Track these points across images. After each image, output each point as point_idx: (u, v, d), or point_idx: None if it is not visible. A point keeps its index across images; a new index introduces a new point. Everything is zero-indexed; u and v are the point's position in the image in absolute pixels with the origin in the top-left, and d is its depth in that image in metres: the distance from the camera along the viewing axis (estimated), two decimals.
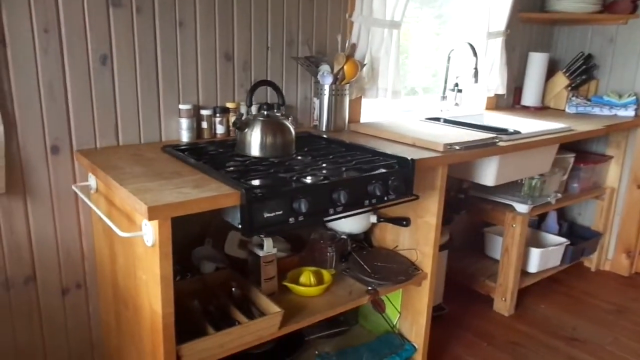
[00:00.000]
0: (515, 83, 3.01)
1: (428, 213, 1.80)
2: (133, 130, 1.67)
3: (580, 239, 2.95)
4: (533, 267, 2.64)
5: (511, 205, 2.42)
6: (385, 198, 1.50)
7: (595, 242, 2.99)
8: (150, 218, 1.09)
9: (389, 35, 2.17)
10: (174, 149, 1.57)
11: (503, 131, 2.06)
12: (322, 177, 1.39)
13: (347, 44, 2.01)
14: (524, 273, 2.62)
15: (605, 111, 2.82)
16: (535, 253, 2.61)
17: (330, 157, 1.63)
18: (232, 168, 1.45)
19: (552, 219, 2.95)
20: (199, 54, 1.76)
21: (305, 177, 1.39)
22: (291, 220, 1.30)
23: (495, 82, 2.71)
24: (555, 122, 2.50)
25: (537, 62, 2.90)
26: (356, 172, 1.48)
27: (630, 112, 2.77)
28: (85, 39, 1.51)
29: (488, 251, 2.85)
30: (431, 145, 1.75)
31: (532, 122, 2.45)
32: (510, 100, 3.03)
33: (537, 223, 2.97)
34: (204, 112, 1.79)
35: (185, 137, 1.75)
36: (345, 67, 1.95)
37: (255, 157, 1.55)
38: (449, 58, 2.50)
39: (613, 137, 2.91)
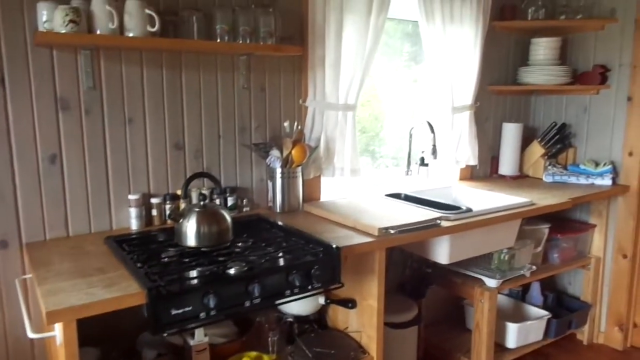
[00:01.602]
0: (492, 152, 3.03)
1: (370, 296, 1.81)
2: (83, 222, 1.78)
3: (568, 310, 2.84)
4: (511, 342, 2.55)
5: (481, 279, 2.39)
6: (310, 287, 1.53)
7: (585, 314, 2.87)
8: (49, 322, 1.15)
9: (344, 117, 2.26)
10: (114, 241, 1.66)
11: (455, 209, 2.07)
12: (244, 268, 1.44)
13: (294, 129, 2.10)
14: (502, 348, 2.54)
15: (582, 180, 2.79)
16: (512, 328, 2.53)
17: (264, 244, 1.68)
18: (166, 259, 1.54)
19: (535, 290, 2.86)
20: (149, 146, 1.88)
21: (228, 268, 1.44)
22: (202, 315, 1.34)
23: (466, 154, 2.74)
24: (528, 192, 2.54)
25: (511, 132, 2.93)
26: (280, 261, 1.52)
27: (607, 181, 2.73)
28: (35, 141, 1.66)
29: (469, 324, 2.78)
30: (368, 229, 1.78)
31: (496, 197, 2.44)
32: (488, 169, 3.03)
33: (520, 294, 2.89)
34: (154, 201, 1.88)
35: (134, 225, 1.84)
36: (293, 152, 2.04)
37: (190, 247, 1.62)
38: (410, 135, 2.56)
39: (594, 206, 2.86)
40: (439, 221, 1.90)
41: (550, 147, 2.95)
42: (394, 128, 2.80)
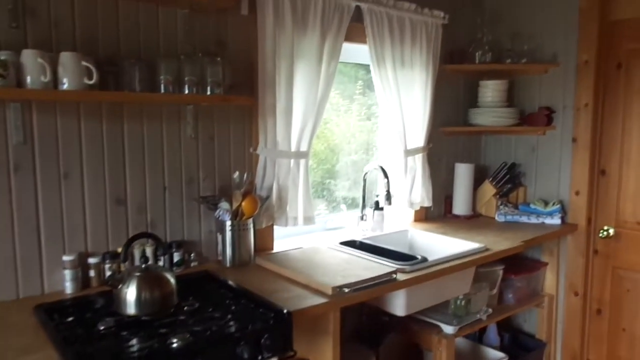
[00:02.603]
0: (446, 192, 3.04)
1: (325, 358, 1.72)
2: (9, 286, 1.63)
3: (525, 349, 2.85)
4: None
5: (438, 326, 2.35)
6: (259, 358, 1.43)
7: (540, 353, 2.88)
8: None
9: (296, 165, 2.20)
10: (44, 311, 1.52)
11: (410, 259, 2.03)
12: (188, 340, 1.34)
13: (244, 180, 2.03)
14: None
15: (533, 219, 2.83)
16: None
17: (211, 309, 1.58)
18: (102, 330, 1.42)
19: (492, 332, 2.85)
20: (87, 202, 1.75)
21: (170, 342, 1.34)
22: None
23: (420, 196, 2.74)
24: (482, 233, 2.57)
25: (463, 172, 2.96)
26: (228, 331, 1.43)
27: (556, 220, 2.79)
28: None
29: None
30: (321, 288, 1.71)
31: (451, 242, 2.43)
32: (442, 209, 3.04)
33: (478, 336, 2.88)
34: (92, 260, 1.75)
35: (69, 289, 1.70)
36: (243, 204, 1.96)
37: (130, 316, 1.50)
38: (364, 180, 2.54)
39: (546, 244, 2.90)
40: (394, 275, 1.85)
41: (502, 186, 2.99)
42: (349, 159, 2.79)
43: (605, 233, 2.74)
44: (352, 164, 2.86)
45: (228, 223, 1.98)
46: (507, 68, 2.87)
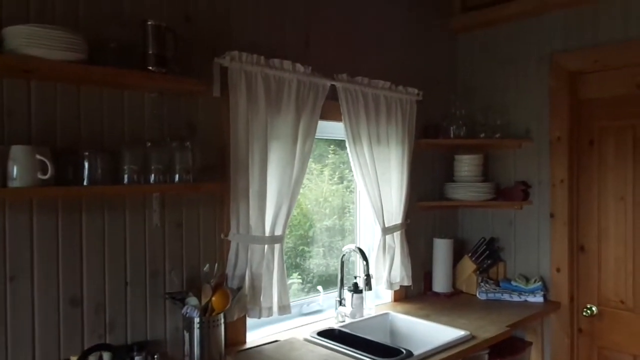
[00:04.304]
0: (425, 268, 2.94)
1: None
2: None
3: None
4: None
5: None
6: None
7: None
8: None
9: (270, 250, 2.07)
10: None
11: (394, 353, 1.89)
12: None
13: (215, 271, 1.88)
14: None
15: (515, 297, 2.74)
16: None
17: None
18: None
19: None
20: (36, 305, 1.57)
21: None
22: None
23: (400, 274, 2.62)
24: (465, 315, 2.48)
25: (442, 248, 2.88)
26: None
27: (538, 298, 2.71)
28: None
29: None
30: None
31: (434, 329, 2.30)
32: (422, 286, 2.93)
33: None
34: None
35: None
36: (213, 299, 1.80)
37: None
38: (342, 263, 2.42)
39: (529, 323, 2.80)
40: None
41: (481, 261, 2.91)
42: (323, 225, 2.69)
43: (589, 312, 2.67)
44: (326, 230, 2.75)
45: (196, 320, 1.80)
46: (482, 142, 2.87)
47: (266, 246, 2.05)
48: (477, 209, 3.06)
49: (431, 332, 2.28)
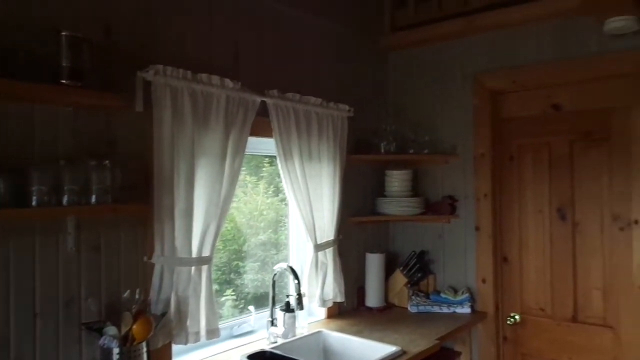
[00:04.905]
0: (358, 282, 2.95)
1: None
2: None
3: None
4: None
5: None
6: None
7: None
8: None
9: (198, 272, 1.98)
10: None
11: None
12: None
13: (136, 298, 1.77)
14: None
15: (445, 309, 2.81)
16: None
17: None
18: None
19: None
20: None
21: None
22: None
23: (333, 291, 2.61)
24: (396, 329, 2.50)
25: (374, 263, 2.90)
26: None
27: (466, 309, 2.79)
28: None
29: None
30: None
31: (366, 345, 2.30)
32: (355, 301, 2.93)
33: None
34: None
35: None
36: (134, 327, 1.69)
37: None
38: (273, 282, 2.37)
39: (458, 334, 2.87)
40: None
41: (412, 275, 2.96)
42: (258, 239, 2.63)
43: (512, 320, 2.78)
44: (261, 244, 2.69)
45: (115, 351, 1.68)
46: (411, 158, 2.94)
47: (193, 268, 1.97)
48: (407, 223, 3.12)
49: (363, 349, 2.28)
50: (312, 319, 2.69)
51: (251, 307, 2.42)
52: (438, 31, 2.89)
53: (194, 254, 1.97)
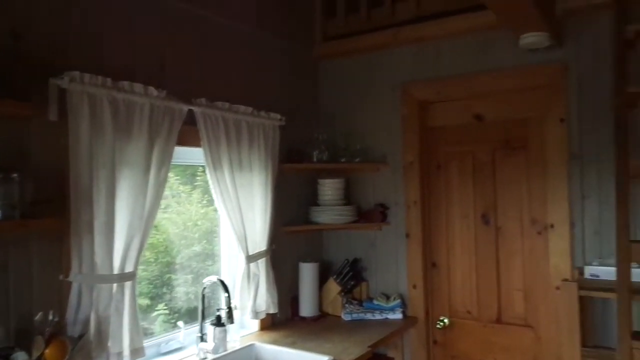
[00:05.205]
0: (292, 292, 2.93)
1: None
2: None
3: None
4: None
5: None
6: None
7: None
8: None
9: (120, 289, 1.89)
10: None
11: None
12: None
13: (49, 320, 1.65)
14: None
15: (377, 316, 2.85)
16: None
17: None
18: None
19: None
20: None
21: None
22: None
23: (266, 302, 2.57)
24: (329, 338, 2.50)
25: (307, 272, 2.89)
26: None
27: (398, 315, 2.84)
28: None
29: None
30: None
31: (298, 357, 2.29)
32: (289, 311, 2.91)
33: None
34: None
35: None
36: (47, 352, 1.58)
37: None
38: (202, 296, 2.30)
39: (390, 340, 2.92)
40: None
41: (345, 283, 2.98)
42: (191, 251, 2.55)
43: (441, 324, 2.86)
44: (195, 256, 2.61)
45: None
46: (343, 167, 2.97)
47: (115, 285, 1.87)
48: (341, 231, 3.15)
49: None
50: (244, 331, 2.64)
51: (180, 323, 2.33)
52: (367, 42, 2.95)
53: (116, 270, 1.88)
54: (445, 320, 2.86)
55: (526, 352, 2.64)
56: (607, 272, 2.24)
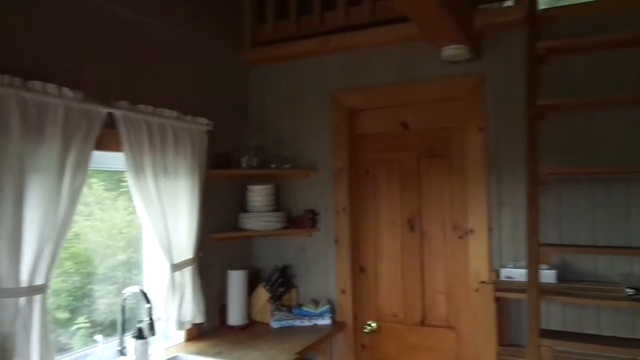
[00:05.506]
0: (220, 300, 2.87)
1: None
2: None
3: None
4: None
5: None
6: None
7: None
8: None
9: (28, 304, 1.76)
10: None
11: None
12: None
13: None
14: None
15: (306, 322, 2.85)
16: None
17: None
18: None
19: None
20: None
21: None
22: None
23: (192, 312, 2.50)
24: (257, 346, 2.49)
25: (236, 280, 2.84)
26: None
27: (326, 321, 2.86)
28: None
29: None
30: None
31: None
32: (217, 320, 2.84)
33: None
34: None
35: None
36: None
37: None
38: (122, 307, 2.20)
39: (318, 346, 2.92)
40: None
41: (275, 290, 2.96)
42: (116, 260, 2.43)
43: (369, 328, 2.91)
44: (120, 265, 2.49)
45: None
46: (273, 173, 2.96)
47: (22, 299, 1.74)
48: (270, 238, 3.12)
49: None
50: (169, 343, 2.55)
51: (98, 337, 2.22)
52: (296, 49, 2.97)
53: (24, 283, 1.75)
54: (373, 325, 2.91)
55: (448, 353, 2.74)
56: (521, 274, 2.37)
